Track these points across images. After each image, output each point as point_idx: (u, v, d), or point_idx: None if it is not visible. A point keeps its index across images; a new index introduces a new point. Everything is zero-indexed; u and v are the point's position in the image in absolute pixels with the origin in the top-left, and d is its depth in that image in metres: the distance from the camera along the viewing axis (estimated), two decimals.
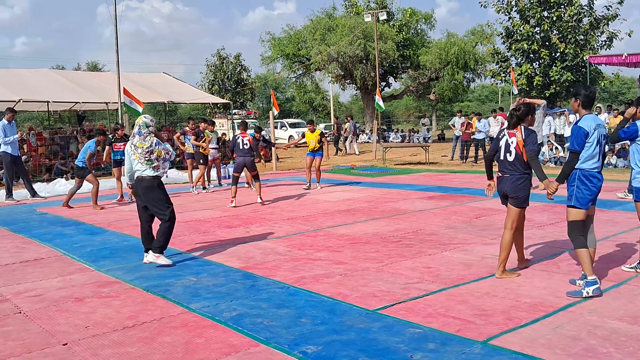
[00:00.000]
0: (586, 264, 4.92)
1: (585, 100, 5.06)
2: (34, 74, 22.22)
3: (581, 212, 4.99)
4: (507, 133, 5.46)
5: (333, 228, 8.34)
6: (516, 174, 5.39)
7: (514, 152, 5.36)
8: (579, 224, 5.01)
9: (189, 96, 24.25)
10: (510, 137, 5.41)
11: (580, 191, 4.95)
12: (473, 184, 12.98)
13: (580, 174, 4.96)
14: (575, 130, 4.97)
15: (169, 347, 4.09)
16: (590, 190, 4.95)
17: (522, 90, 25.76)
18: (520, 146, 5.31)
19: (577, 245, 4.99)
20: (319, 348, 3.98)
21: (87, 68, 59.66)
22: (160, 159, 6.50)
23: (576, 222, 5.02)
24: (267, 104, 57.95)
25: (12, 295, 5.49)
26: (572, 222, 5.04)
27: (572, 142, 4.98)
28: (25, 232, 8.76)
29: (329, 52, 33.31)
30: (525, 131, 5.37)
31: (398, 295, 5.09)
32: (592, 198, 5.00)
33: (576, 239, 5.00)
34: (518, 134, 5.37)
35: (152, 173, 6.45)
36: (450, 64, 33.74)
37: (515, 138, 5.36)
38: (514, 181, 5.39)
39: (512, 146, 5.38)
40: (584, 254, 4.94)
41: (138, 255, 6.85)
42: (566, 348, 3.86)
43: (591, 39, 24.72)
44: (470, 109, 47.22)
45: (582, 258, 4.95)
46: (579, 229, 5.01)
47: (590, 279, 4.91)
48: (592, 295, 4.83)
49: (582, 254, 4.96)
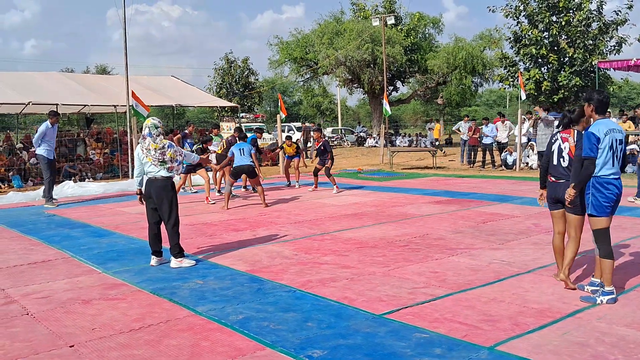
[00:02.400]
0: (607, 274, 4.89)
1: (599, 105, 4.97)
2: (43, 77, 22.37)
3: (602, 220, 4.90)
4: (561, 137, 5.35)
5: (340, 232, 8.34)
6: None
7: (567, 157, 5.25)
8: (602, 232, 4.93)
9: (196, 99, 24.33)
10: (564, 142, 5.30)
11: (596, 199, 4.87)
12: (480, 189, 12.94)
13: (595, 181, 4.89)
14: (586, 136, 4.90)
15: (175, 350, 4.10)
16: (607, 197, 4.86)
17: (530, 95, 25.67)
18: (573, 151, 5.20)
19: (602, 254, 4.93)
20: (325, 352, 3.97)
21: (95, 71, 60.08)
22: (174, 160, 6.54)
23: (600, 231, 4.94)
24: (275, 108, 58.03)
25: (20, 297, 5.52)
26: (595, 230, 4.97)
27: (584, 148, 4.88)
28: (33, 234, 8.80)
29: (337, 56, 33.37)
30: (578, 135, 5.22)
31: (404, 300, 5.08)
32: (611, 205, 4.89)
33: (602, 247, 4.94)
34: (570, 139, 5.27)
35: (166, 174, 6.49)
36: (458, 68, 33.72)
37: (568, 143, 5.26)
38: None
39: (565, 151, 5.28)
40: (608, 264, 4.90)
41: (145, 258, 6.87)
42: (574, 355, 3.84)
43: (600, 43, 24.60)
44: (478, 114, 47.18)
45: (605, 267, 4.91)
46: (604, 237, 4.94)
47: (607, 289, 4.88)
48: (605, 304, 4.81)
49: (605, 263, 4.91)
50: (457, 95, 35.97)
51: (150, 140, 6.48)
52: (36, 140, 12.24)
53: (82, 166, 18.38)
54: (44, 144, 12.10)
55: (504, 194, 11.95)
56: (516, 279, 5.65)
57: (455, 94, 35.70)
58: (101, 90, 22.04)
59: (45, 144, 12.10)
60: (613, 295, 4.87)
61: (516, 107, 34.57)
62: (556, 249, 5.45)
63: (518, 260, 6.35)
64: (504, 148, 18.72)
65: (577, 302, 4.91)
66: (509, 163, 18.02)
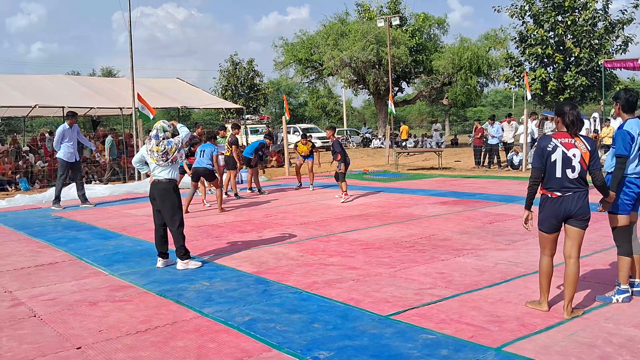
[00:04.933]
0: (623, 272, 4.87)
1: (626, 104, 4.93)
2: (49, 80, 22.47)
3: (622, 217, 4.87)
4: (563, 144, 4.50)
5: (345, 233, 8.33)
6: (581, 191, 4.52)
7: (579, 166, 4.46)
8: (623, 230, 4.90)
9: (202, 101, 24.38)
10: (569, 148, 4.48)
11: (619, 197, 4.85)
12: (486, 190, 12.91)
13: None
14: (620, 134, 4.83)
15: (181, 352, 4.10)
16: (629, 196, 4.84)
17: (536, 95, 25.62)
18: (587, 160, 4.47)
19: (621, 252, 4.91)
20: (332, 353, 3.97)
21: (101, 74, 60.33)
22: (175, 161, 6.62)
23: (620, 229, 4.91)
24: (280, 109, 58.11)
25: (27, 299, 5.54)
26: (615, 228, 4.94)
27: (619, 147, 4.78)
28: (40, 236, 8.84)
29: (342, 57, 33.38)
30: (588, 141, 4.55)
31: (411, 301, 5.07)
32: (631, 203, 4.87)
33: (621, 245, 4.91)
34: (582, 145, 4.49)
35: (168, 176, 6.53)
36: (464, 68, 33.66)
37: (579, 150, 4.47)
38: (583, 199, 4.52)
39: (575, 160, 4.46)
40: (625, 261, 4.87)
41: (151, 260, 6.89)
42: (581, 355, 3.82)
43: (606, 43, 24.53)
44: (483, 114, 47.03)
45: (622, 265, 4.88)
46: (624, 236, 4.90)
47: (622, 287, 4.87)
48: (621, 303, 4.80)
49: (622, 261, 4.88)
50: (463, 96, 35.90)
51: (155, 142, 6.53)
52: (56, 144, 11.96)
53: (88, 169, 18.45)
54: (64, 146, 11.85)
55: (510, 194, 11.91)
56: (523, 280, 5.63)
57: (460, 94, 35.62)
58: (107, 92, 22.12)
59: (65, 147, 11.84)
60: (628, 293, 4.85)
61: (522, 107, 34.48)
62: (547, 271, 4.70)
63: (525, 261, 6.32)
64: (510, 148, 18.67)
65: (584, 303, 4.88)
66: (515, 163, 17.96)
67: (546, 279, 4.70)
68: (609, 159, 4.95)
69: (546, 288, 4.71)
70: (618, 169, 4.81)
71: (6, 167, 16.90)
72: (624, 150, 4.77)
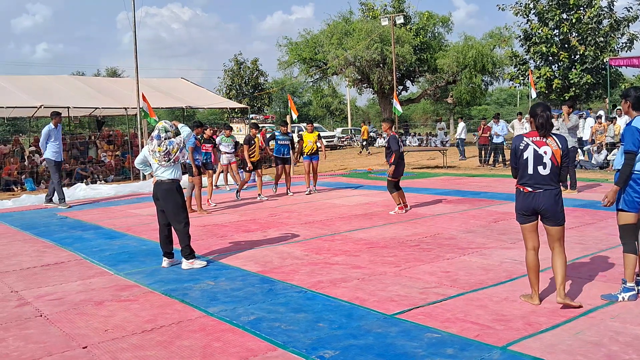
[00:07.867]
0: (629, 270, 4.86)
1: (636, 101, 4.93)
2: (54, 80, 22.56)
3: (631, 215, 4.86)
4: (534, 142, 4.74)
5: (350, 232, 8.33)
6: (553, 188, 4.73)
7: (550, 163, 4.69)
8: (629, 227, 4.89)
9: (206, 101, 24.42)
10: (540, 146, 4.71)
11: (628, 194, 4.84)
12: (491, 188, 12.88)
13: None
14: (629, 130, 4.85)
15: (187, 351, 4.11)
16: (639, 193, 4.83)
17: (541, 93, 25.53)
18: (558, 157, 4.70)
19: (626, 249, 4.90)
20: (337, 352, 3.97)
21: (106, 74, 60.45)
22: (177, 161, 6.62)
23: (627, 226, 4.90)
24: (285, 109, 58.10)
25: (33, 299, 5.56)
26: (622, 225, 4.93)
27: (628, 143, 4.80)
28: (46, 236, 8.87)
29: (346, 56, 33.34)
30: (560, 140, 4.76)
31: (416, 300, 5.06)
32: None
33: (627, 242, 4.90)
34: (553, 143, 4.71)
35: (171, 176, 6.54)
36: (468, 67, 33.57)
37: (550, 148, 4.69)
38: (554, 196, 4.72)
39: (545, 157, 4.69)
40: (630, 259, 4.86)
41: (156, 259, 6.90)
42: (587, 354, 3.81)
43: (611, 40, 24.44)
44: (488, 113, 46.94)
45: (627, 263, 4.88)
46: (630, 233, 4.89)
47: (628, 285, 4.85)
48: (627, 301, 4.79)
49: (627, 259, 4.88)
50: (467, 94, 35.81)
51: (156, 143, 6.53)
52: (42, 144, 12.22)
53: (93, 168, 18.51)
54: (50, 146, 12.08)
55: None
56: (528, 279, 5.60)
57: (465, 92, 35.55)
58: (112, 92, 22.20)
59: (52, 146, 12.08)
60: (634, 291, 4.83)
61: (527, 105, 34.37)
62: (532, 266, 4.86)
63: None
64: None
65: (590, 301, 4.87)
66: None
67: (533, 274, 4.88)
68: (619, 156, 4.96)
69: (535, 282, 4.89)
70: (626, 165, 4.82)
71: (12, 168, 16.97)
72: (633, 147, 4.79)
